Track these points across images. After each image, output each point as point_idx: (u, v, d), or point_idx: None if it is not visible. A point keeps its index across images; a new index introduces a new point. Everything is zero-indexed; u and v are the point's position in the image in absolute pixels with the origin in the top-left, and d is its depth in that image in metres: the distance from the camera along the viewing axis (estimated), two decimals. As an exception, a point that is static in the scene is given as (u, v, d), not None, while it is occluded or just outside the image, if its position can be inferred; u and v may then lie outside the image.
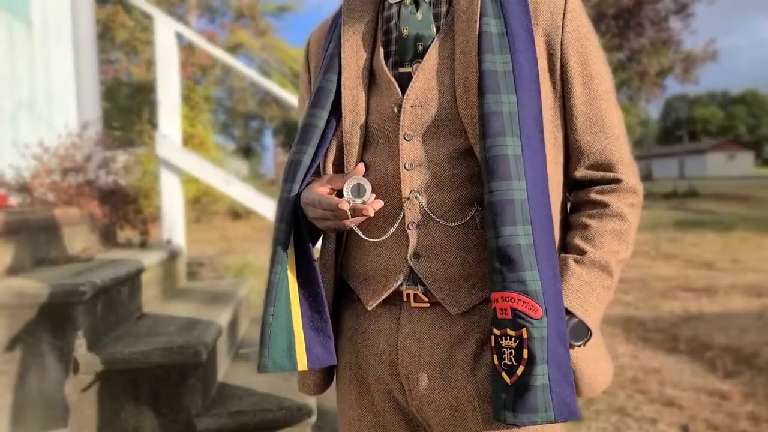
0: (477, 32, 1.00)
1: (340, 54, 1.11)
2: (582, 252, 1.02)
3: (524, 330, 0.90)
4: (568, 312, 0.98)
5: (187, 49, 12.65)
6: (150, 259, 2.65)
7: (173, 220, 3.83)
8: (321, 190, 1.05)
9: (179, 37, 3.97)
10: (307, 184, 1.09)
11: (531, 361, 0.89)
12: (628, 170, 1.07)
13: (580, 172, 1.07)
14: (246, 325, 3.13)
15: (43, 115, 3.54)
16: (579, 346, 0.99)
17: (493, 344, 0.94)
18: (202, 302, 2.73)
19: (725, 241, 9.82)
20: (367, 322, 1.10)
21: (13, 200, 2.95)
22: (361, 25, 1.12)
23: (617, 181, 1.06)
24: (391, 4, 1.09)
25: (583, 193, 1.09)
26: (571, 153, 1.08)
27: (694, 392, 3.35)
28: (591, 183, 1.08)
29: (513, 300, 0.91)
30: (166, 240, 3.66)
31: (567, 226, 1.10)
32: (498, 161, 0.94)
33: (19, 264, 2.27)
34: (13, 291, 1.89)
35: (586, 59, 1.05)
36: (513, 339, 0.91)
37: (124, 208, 3.17)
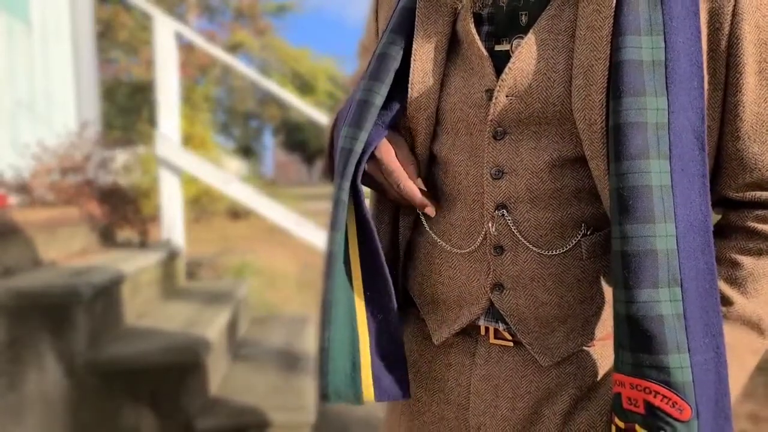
0: (615, 1, 0.70)
1: (415, 9, 0.83)
2: (728, 302, 0.74)
3: None
4: None
5: (187, 49, 12.64)
6: (149, 259, 2.65)
7: (172, 220, 3.83)
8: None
9: (179, 36, 3.97)
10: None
11: None
12: None
13: (737, 192, 0.76)
14: (245, 326, 3.13)
15: (42, 115, 3.54)
16: None
17: None
18: (201, 302, 2.72)
19: (725, 241, 9.80)
20: (435, 350, 0.88)
21: (13, 200, 2.94)
22: None
23: None
24: None
25: (736, 215, 0.78)
26: (724, 164, 0.76)
27: (693, 392, 3.35)
28: (750, 205, 0.77)
29: (648, 391, 0.66)
30: (166, 240, 3.65)
31: None
32: (637, 194, 0.66)
33: (19, 264, 2.27)
34: (13, 291, 1.89)
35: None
36: None
37: (124, 208, 3.17)
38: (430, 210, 0.83)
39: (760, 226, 0.75)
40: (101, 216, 2.99)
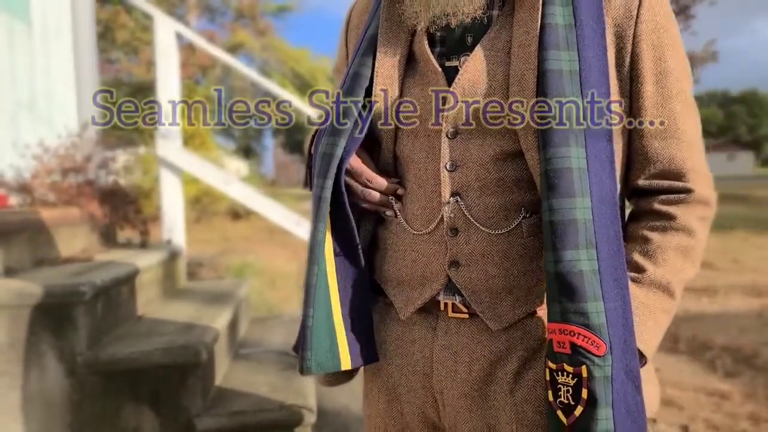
0: (539, 24, 0.87)
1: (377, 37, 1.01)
2: (641, 270, 0.90)
3: (584, 368, 0.79)
4: None
5: (187, 49, 12.64)
6: (150, 260, 2.65)
7: (173, 220, 3.83)
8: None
9: (179, 37, 3.97)
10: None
11: (591, 403, 0.79)
12: (702, 180, 0.94)
13: (644, 181, 0.94)
14: (246, 326, 3.14)
15: (43, 115, 3.54)
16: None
17: (547, 378, 0.85)
18: (202, 302, 2.72)
19: (725, 241, 9.82)
20: (401, 329, 1.03)
21: (13, 200, 2.95)
22: (404, 7, 0.98)
23: (687, 191, 0.93)
24: None
25: (645, 201, 0.95)
26: (633, 159, 0.94)
27: (694, 392, 3.35)
28: (656, 192, 0.95)
29: (573, 334, 0.80)
30: (166, 240, 3.65)
31: (623, 238, 0.96)
32: (560, 175, 0.82)
33: (19, 264, 2.27)
34: (13, 291, 1.89)
35: (662, 53, 0.91)
36: (570, 376, 0.81)
37: (124, 208, 3.17)
38: (401, 190, 1.00)
39: (664, 208, 0.93)
40: (102, 216, 2.99)
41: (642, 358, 0.88)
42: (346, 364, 0.99)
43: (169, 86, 3.82)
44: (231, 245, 9.12)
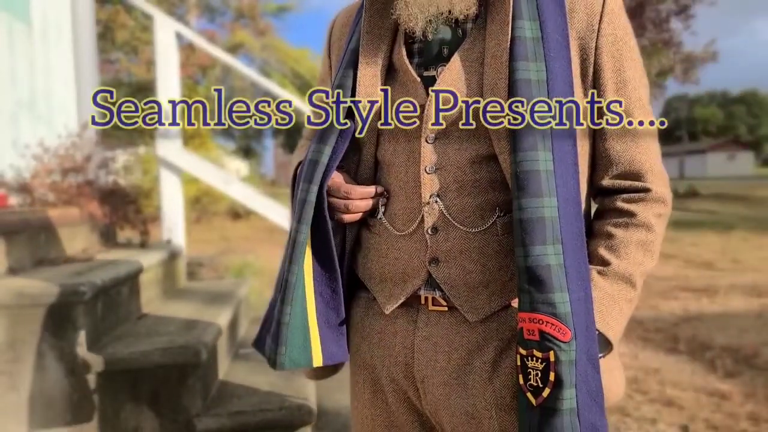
0: (510, 36, 0.95)
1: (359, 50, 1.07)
2: (606, 263, 0.99)
3: (551, 353, 0.87)
4: None
5: (187, 49, 12.65)
6: (150, 260, 2.65)
7: (173, 220, 3.83)
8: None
9: (179, 37, 3.97)
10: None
11: (558, 385, 0.87)
12: (658, 179, 1.02)
13: (607, 182, 1.03)
14: (246, 325, 3.14)
15: (43, 115, 3.54)
16: (599, 358, 0.97)
17: (518, 363, 0.92)
18: (202, 302, 2.73)
19: (725, 241, 9.82)
20: (383, 322, 1.09)
21: (13, 200, 2.95)
22: (384, 20, 1.06)
23: (646, 190, 1.01)
24: None
25: (609, 200, 1.04)
26: (598, 161, 1.03)
27: (694, 392, 3.35)
28: (618, 191, 1.03)
29: (541, 322, 0.88)
30: (166, 240, 3.65)
31: (589, 234, 1.05)
32: (529, 177, 0.89)
33: (19, 264, 2.28)
34: (13, 291, 1.89)
35: (621, 65, 0.99)
36: (540, 361, 0.88)
37: (124, 208, 3.17)
38: (380, 188, 1.06)
39: (626, 206, 1.01)
40: (102, 216, 2.99)
41: (608, 345, 0.97)
42: (317, 361, 1.05)
43: (169, 86, 3.83)
44: (231, 245, 9.12)
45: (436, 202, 1.00)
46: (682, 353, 4.07)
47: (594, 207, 1.09)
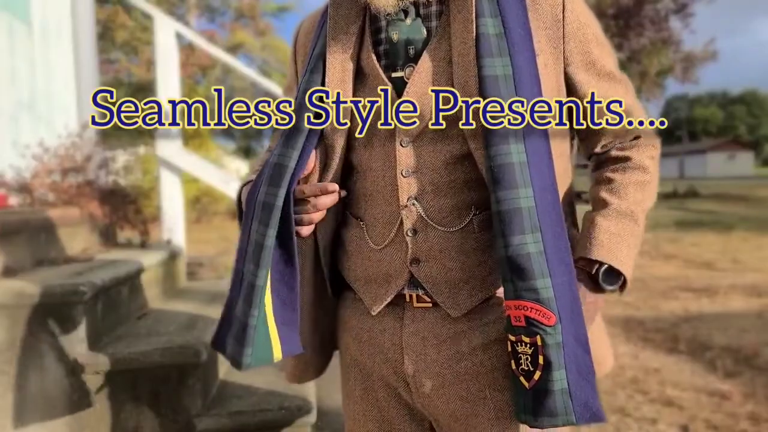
0: (474, 34, 0.97)
1: (326, 54, 1.08)
2: (607, 204, 1.04)
3: (538, 337, 0.90)
4: (599, 263, 1.00)
5: (187, 49, 12.65)
6: (150, 259, 2.65)
7: (173, 220, 3.83)
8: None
9: (179, 37, 3.97)
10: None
11: (547, 367, 0.90)
12: (646, 128, 1.09)
13: (599, 149, 1.11)
14: (246, 325, 3.13)
15: (43, 116, 3.54)
16: (613, 291, 1.02)
17: (509, 349, 0.95)
18: (202, 302, 2.73)
19: (725, 241, 9.82)
20: (371, 321, 1.11)
21: (13, 200, 2.95)
22: (349, 24, 1.08)
23: (636, 137, 1.09)
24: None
25: (604, 154, 1.11)
26: (586, 137, 1.10)
27: (694, 392, 3.35)
28: (610, 150, 1.11)
29: (526, 308, 0.91)
30: (166, 240, 3.65)
31: (574, 219, 1.13)
32: (504, 170, 0.92)
33: (19, 264, 2.27)
34: (13, 291, 1.89)
35: (587, 47, 1.04)
36: (528, 346, 0.91)
37: (124, 208, 3.17)
38: (338, 187, 1.05)
39: (621, 153, 1.09)
40: (102, 216, 2.99)
41: (620, 277, 1.02)
42: (277, 355, 1.07)
43: (169, 86, 3.83)
44: (231, 245, 9.11)
45: (414, 204, 1.02)
46: (682, 353, 4.07)
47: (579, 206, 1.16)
